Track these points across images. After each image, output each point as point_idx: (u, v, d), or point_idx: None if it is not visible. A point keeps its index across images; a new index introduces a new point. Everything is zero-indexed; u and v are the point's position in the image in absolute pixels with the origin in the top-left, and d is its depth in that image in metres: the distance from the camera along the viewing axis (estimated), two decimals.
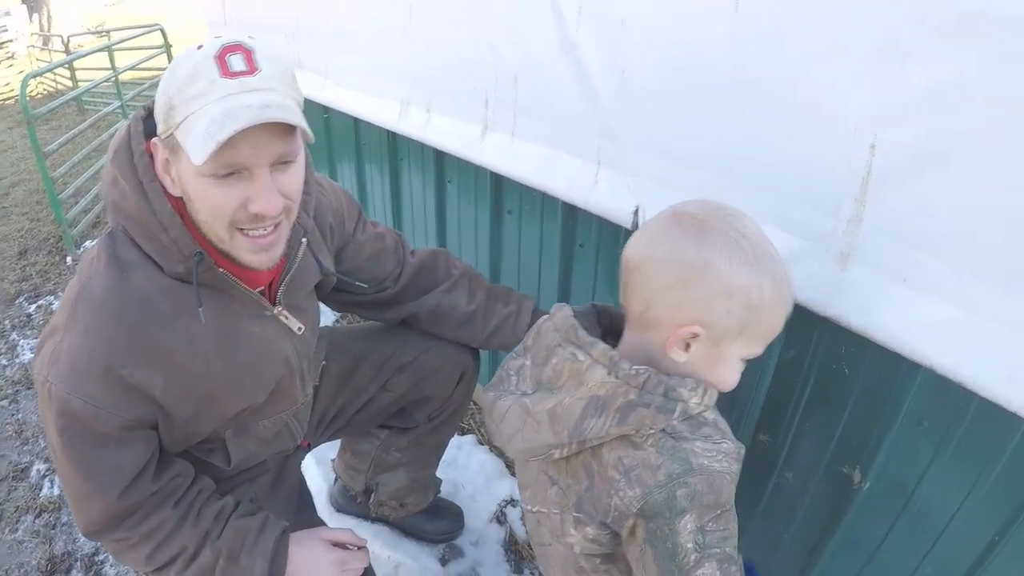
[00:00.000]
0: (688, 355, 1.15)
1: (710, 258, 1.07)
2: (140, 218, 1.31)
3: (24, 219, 6.64)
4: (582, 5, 1.68)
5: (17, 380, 3.99)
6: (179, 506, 1.52)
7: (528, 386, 1.33)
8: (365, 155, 3.40)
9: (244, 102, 1.14)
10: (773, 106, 1.34)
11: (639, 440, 1.15)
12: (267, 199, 1.23)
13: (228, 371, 1.46)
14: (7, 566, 2.74)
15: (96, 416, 1.32)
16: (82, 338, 1.31)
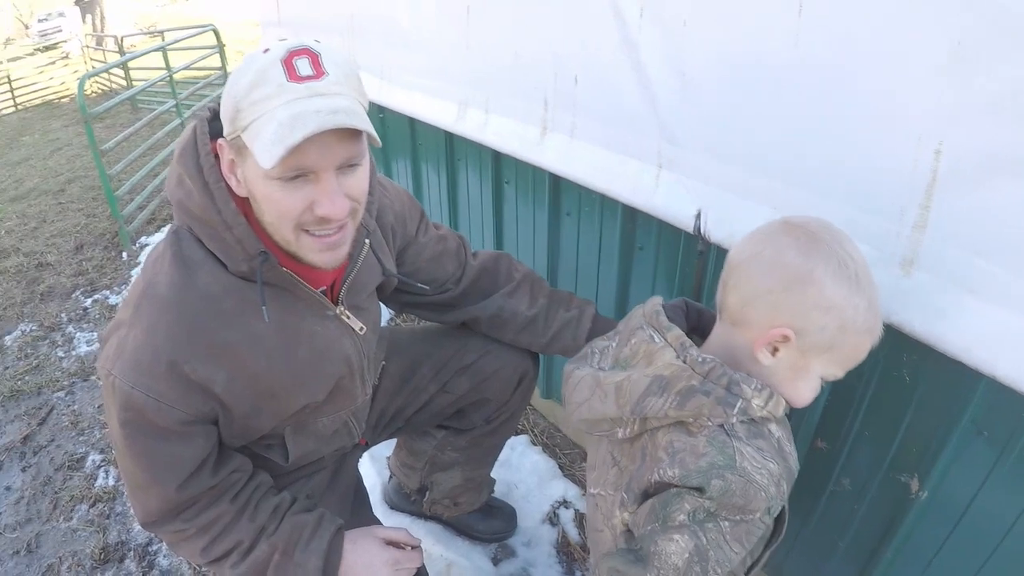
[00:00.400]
0: (774, 360, 1.18)
1: (815, 270, 1.09)
2: (205, 217, 1.34)
3: (80, 215, 6.83)
4: (644, 6, 1.69)
5: (73, 372, 4.12)
6: (236, 500, 1.56)
7: (607, 363, 1.38)
8: (422, 155, 3.43)
9: (313, 107, 1.17)
10: (837, 110, 1.34)
11: (695, 429, 1.18)
12: (333, 202, 1.25)
13: (289, 369, 1.50)
14: (61, 553, 2.83)
15: (158, 410, 1.36)
16: (146, 334, 1.35)
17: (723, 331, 1.26)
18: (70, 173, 8.67)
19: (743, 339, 1.20)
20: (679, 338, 1.22)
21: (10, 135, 12.20)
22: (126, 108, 11.94)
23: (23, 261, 5.87)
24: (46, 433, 3.62)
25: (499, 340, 2.03)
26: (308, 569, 1.55)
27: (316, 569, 1.56)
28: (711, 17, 1.54)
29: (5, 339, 4.63)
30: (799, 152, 1.44)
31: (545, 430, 3.03)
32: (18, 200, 7.85)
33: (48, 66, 18.28)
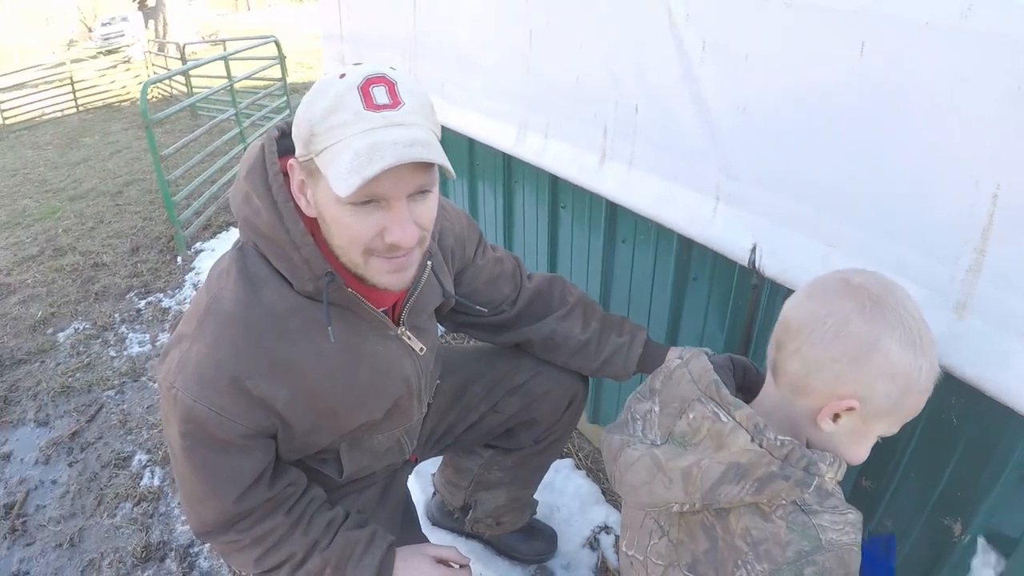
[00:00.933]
0: (835, 427, 1.16)
1: (882, 339, 1.07)
2: (273, 236, 1.37)
3: (137, 217, 6.99)
4: (706, 39, 1.72)
5: (124, 372, 4.23)
6: (291, 513, 1.59)
7: (657, 435, 1.33)
8: (479, 176, 3.48)
9: (390, 138, 1.19)
10: (895, 150, 1.35)
11: (768, 510, 1.16)
12: (404, 229, 1.27)
13: (351, 388, 1.53)
14: (103, 549, 2.91)
15: (220, 424, 1.39)
16: (210, 348, 1.37)
17: (779, 395, 1.23)
18: (128, 176, 8.87)
19: (804, 406, 1.18)
20: (751, 418, 1.16)
21: (71, 136, 12.50)
22: (186, 115, 12.18)
23: (79, 260, 6.03)
24: (94, 430, 3.72)
25: (550, 362, 2.06)
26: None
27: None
28: (773, 53, 1.56)
29: (58, 336, 4.76)
30: (856, 190, 1.45)
31: (590, 454, 3.05)
32: (77, 200, 8.06)
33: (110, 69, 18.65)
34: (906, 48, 1.28)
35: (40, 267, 5.98)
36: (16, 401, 4.06)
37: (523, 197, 3.07)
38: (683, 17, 1.76)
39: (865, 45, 1.35)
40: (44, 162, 10.57)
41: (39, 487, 3.35)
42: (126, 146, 10.81)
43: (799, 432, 1.18)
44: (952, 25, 1.20)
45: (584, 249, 2.68)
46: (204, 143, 8.28)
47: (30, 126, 14.12)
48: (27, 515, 3.16)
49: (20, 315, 5.10)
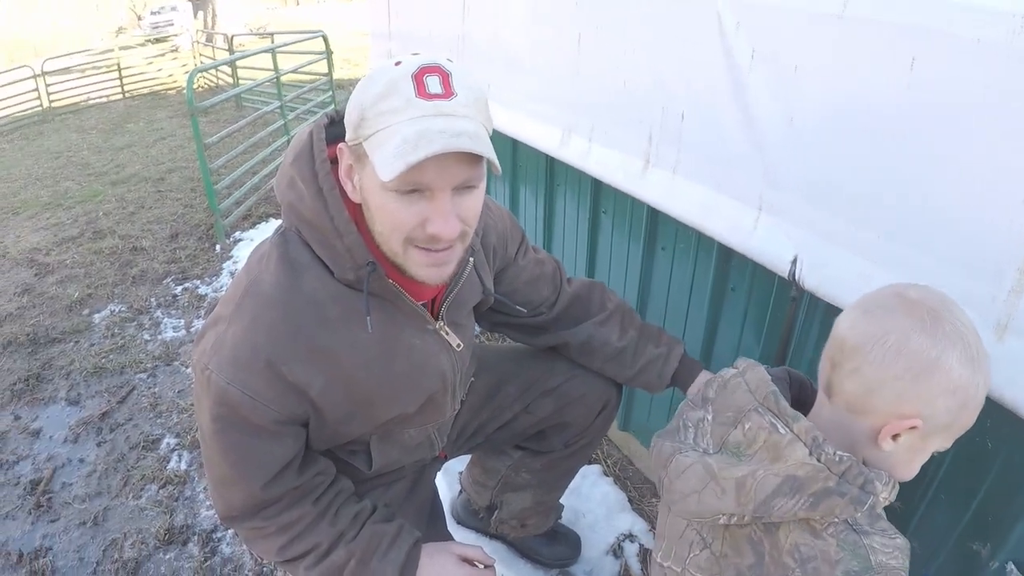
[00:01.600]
0: (895, 445, 1.14)
1: (943, 356, 1.06)
2: (316, 223, 1.37)
3: (178, 204, 7.10)
4: (756, 48, 1.73)
5: (157, 356, 4.31)
6: (319, 503, 1.60)
7: (709, 444, 1.32)
8: (521, 177, 3.51)
9: (438, 127, 1.17)
10: (942, 167, 1.36)
11: (819, 527, 1.15)
12: (446, 221, 1.26)
13: (386, 380, 1.53)
14: (126, 530, 2.96)
15: (253, 408, 1.38)
16: (247, 331, 1.37)
17: (835, 414, 1.21)
18: (171, 163, 9.00)
19: (862, 426, 1.16)
20: (810, 431, 1.15)
21: (116, 121, 12.68)
22: (230, 105, 12.34)
23: (118, 243, 6.13)
24: (124, 412, 3.79)
25: (585, 367, 2.06)
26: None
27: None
28: (823, 64, 1.57)
29: (94, 317, 4.85)
30: (899, 206, 1.46)
31: (618, 462, 3.06)
32: (119, 184, 8.18)
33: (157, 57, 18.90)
34: (956, 64, 1.29)
35: (79, 249, 6.09)
36: (49, 379, 4.14)
37: (564, 200, 3.09)
38: (733, 25, 1.77)
39: (915, 60, 1.36)
40: (88, 146, 10.74)
41: (66, 465, 3.41)
42: (170, 134, 10.94)
43: (856, 451, 1.17)
44: (1003, 42, 1.21)
45: (623, 255, 2.70)
46: (248, 134, 8.38)
47: (75, 110, 14.34)
48: (53, 492, 3.22)
49: (57, 295, 5.20)
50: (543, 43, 2.76)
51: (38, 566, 2.80)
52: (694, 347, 2.35)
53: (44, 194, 8.05)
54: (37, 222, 6.99)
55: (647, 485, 2.93)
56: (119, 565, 2.78)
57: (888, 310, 1.13)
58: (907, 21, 1.36)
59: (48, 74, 14.19)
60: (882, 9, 1.41)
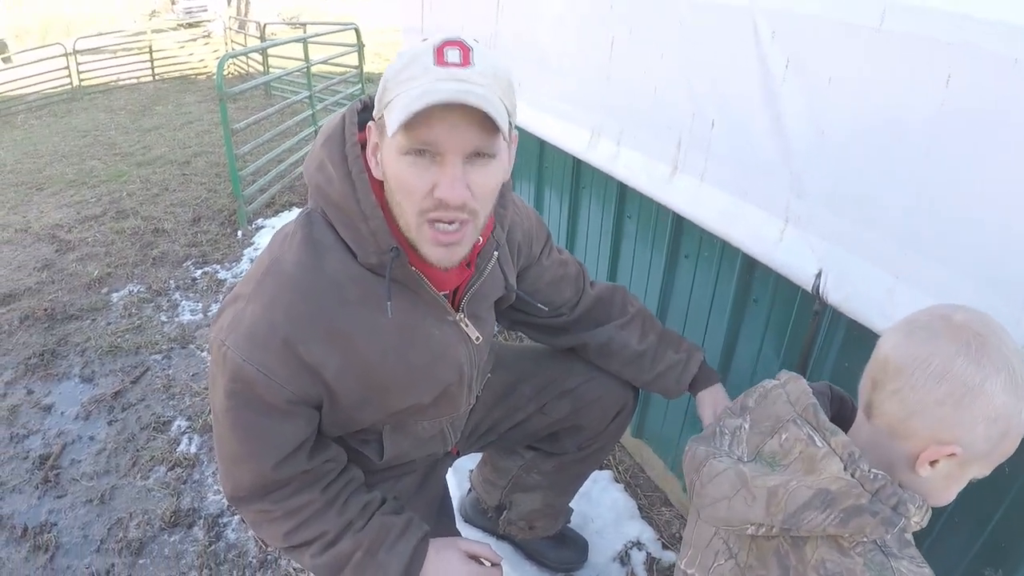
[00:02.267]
0: (932, 471, 1.12)
1: (987, 381, 1.03)
2: (343, 205, 1.38)
3: (202, 188, 7.17)
4: (790, 58, 1.73)
5: (173, 337, 4.34)
6: (328, 491, 1.60)
7: (744, 452, 1.32)
8: (546, 178, 3.51)
9: (444, 86, 1.19)
10: (972, 185, 1.35)
11: (847, 545, 1.13)
12: (452, 186, 1.25)
13: (402, 367, 1.54)
14: (132, 510, 2.99)
15: (268, 386, 1.39)
16: (265, 309, 1.38)
17: (874, 434, 1.18)
18: (197, 147, 9.07)
19: (901, 449, 1.14)
20: (847, 446, 1.14)
21: (145, 103, 12.77)
22: (260, 93, 12.42)
23: (141, 224, 6.19)
24: (137, 392, 3.82)
25: (603, 369, 2.06)
26: (389, 571, 1.57)
27: (397, 573, 1.57)
28: (857, 77, 1.56)
29: (112, 296, 4.90)
30: (928, 223, 1.45)
31: (629, 468, 3.06)
32: (144, 165, 8.25)
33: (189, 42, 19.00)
34: (993, 83, 1.28)
35: (101, 227, 6.15)
36: (64, 355, 4.18)
37: (589, 203, 3.09)
38: (769, 34, 1.77)
39: (951, 78, 1.35)
40: (116, 126, 10.82)
41: (76, 442, 3.44)
42: (198, 118, 11.01)
43: (892, 473, 1.14)
44: None
45: (646, 260, 2.70)
46: (275, 122, 8.45)
47: (105, 90, 14.44)
48: (61, 468, 3.26)
49: (77, 272, 5.25)
50: (575, 44, 2.76)
51: (42, 541, 2.83)
52: (713, 357, 2.35)
53: (69, 171, 8.12)
54: (61, 199, 7.05)
55: (657, 493, 2.93)
56: (123, 544, 2.80)
57: (933, 333, 1.10)
58: (945, 37, 1.35)
59: (80, 53, 14.30)
60: (920, 24, 1.40)
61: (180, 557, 2.74)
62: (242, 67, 15.18)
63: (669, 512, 2.83)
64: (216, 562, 2.71)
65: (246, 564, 2.69)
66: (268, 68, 13.17)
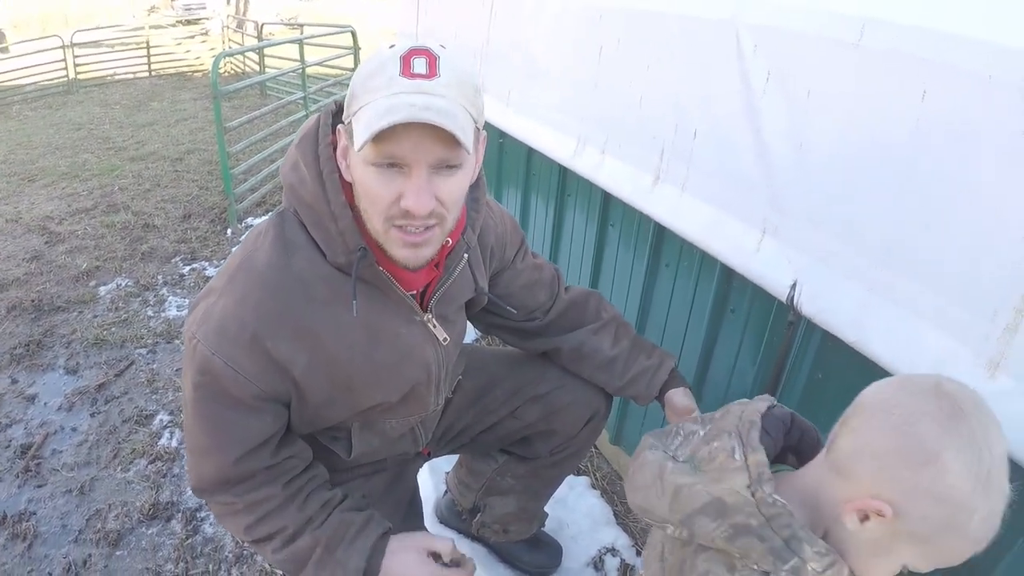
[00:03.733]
0: (859, 527, 1.04)
1: (946, 451, 0.94)
2: (314, 205, 1.40)
3: (194, 186, 7.14)
4: (770, 72, 1.74)
5: (159, 332, 4.33)
6: (289, 486, 1.59)
7: (684, 454, 1.30)
8: (533, 185, 3.52)
9: (409, 101, 1.20)
10: (946, 201, 1.36)
11: (737, 566, 1.11)
12: (418, 198, 1.27)
13: (369, 366, 1.55)
14: (111, 501, 2.98)
15: (235, 380, 1.41)
16: (236, 305, 1.40)
17: (821, 471, 1.13)
18: (191, 144, 9.04)
19: (836, 492, 1.08)
20: (759, 465, 1.11)
21: (140, 99, 12.73)
22: (255, 92, 12.40)
23: (131, 219, 6.16)
24: (121, 385, 3.80)
25: (576, 375, 2.06)
26: (348, 568, 1.55)
27: (356, 570, 1.55)
28: (835, 91, 1.58)
29: (100, 289, 4.88)
30: (901, 237, 1.46)
31: (607, 475, 3.06)
32: (137, 161, 8.22)
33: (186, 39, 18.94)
34: (967, 100, 1.29)
35: (92, 221, 6.13)
36: (49, 346, 4.17)
37: (574, 211, 3.10)
38: (751, 47, 1.78)
39: (927, 93, 1.36)
40: (110, 120, 10.78)
41: (58, 432, 3.43)
42: (192, 115, 10.98)
43: (820, 518, 1.10)
44: (1015, 82, 1.21)
45: (627, 269, 2.70)
46: (269, 121, 8.42)
47: (101, 84, 14.39)
48: (42, 458, 3.24)
49: (66, 264, 5.23)
50: (564, 53, 2.77)
51: (20, 529, 2.81)
52: (690, 365, 2.36)
53: (62, 164, 8.08)
54: (52, 191, 7.02)
55: None
56: (101, 535, 2.78)
57: (916, 389, 1.03)
58: (921, 54, 1.37)
59: (77, 46, 14.25)
60: (897, 40, 1.42)
61: (157, 549, 2.73)
62: (238, 66, 15.16)
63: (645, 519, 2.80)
64: (193, 555, 2.69)
65: (222, 558, 2.68)
66: (264, 68, 13.16)
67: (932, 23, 1.35)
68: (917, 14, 1.39)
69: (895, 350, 1.48)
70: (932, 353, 1.40)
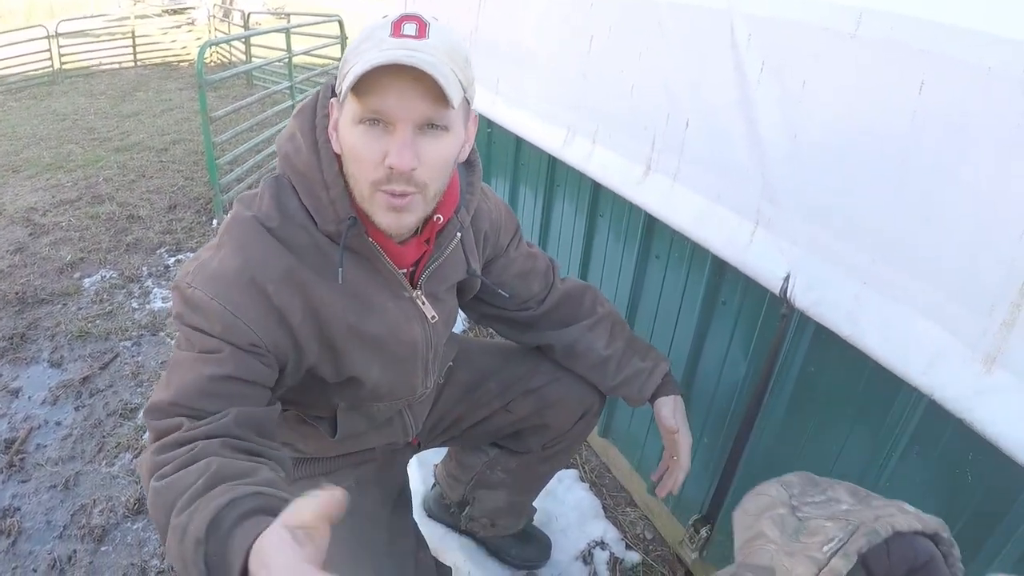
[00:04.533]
0: None
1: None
2: (308, 173, 1.40)
3: (179, 176, 7.09)
4: (765, 60, 1.72)
5: (144, 325, 4.29)
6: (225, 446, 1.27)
7: (808, 512, 1.17)
8: (522, 175, 3.50)
9: (395, 55, 1.20)
10: (943, 194, 1.34)
11: None
12: (400, 153, 1.26)
13: (356, 332, 1.52)
14: (96, 496, 2.94)
15: (233, 325, 1.31)
16: (234, 252, 1.37)
17: None
18: (176, 134, 8.97)
19: None
20: (833, 572, 1.01)
21: (126, 89, 12.63)
22: (241, 82, 12.32)
23: (116, 210, 6.10)
24: (106, 378, 3.77)
25: (570, 370, 2.05)
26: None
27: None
28: (831, 82, 1.56)
29: (84, 281, 4.82)
30: (897, 230, 1.45)
31: (596, 468, 3.04)
32: (122, 151, 8.13)
33: (173, 29, 18.81)
34: (966, 92, 1.28)
35: (76, 212, 6.06)
36: (33, 339, 4.12)
37: (563, 201, 3.08)
38: (745, 37, 1.76)
39: (925, 85, 1.35)
40: (95, 111, 10.67)
41: (43, 427, 3.39)
42: (178, 105, 10.91)
43: None
44: (1014, 73, 1.19)
45: (617, 260, 2.68)
46: (255, 111, 8.38)
47: (86, 74, 14.27)
48: (27, 452, 3.20)
49: (50, 256, 5.17)
50: (554, 42, 2.75)
51: (5, 525, 2.78)
52: (681, 358, 2.34)
53: (46, 155, 7.99)
54: (37, 182, 6.94)
55: (622, 493, 2.92)
56: (86, 531, 2.75)
57: None
58: (919, 45, 1.35)
59: (62, 35, 14.13)
60: (894, 31, 1.40)
61: (143, 545, 2.70)
62: (225, 56, 15.07)
63: (634, 512, 2.81)
64: None
65: None
66: (251, 57, 13.08)
67: (930, 13, 1.33)
68: (915, 4, 1.37)
69: (890, 345, 1.47)
70: (927, 348, 1.39)
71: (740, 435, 2.08)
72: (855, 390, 1.69)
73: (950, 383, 1.35)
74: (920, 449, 1.55)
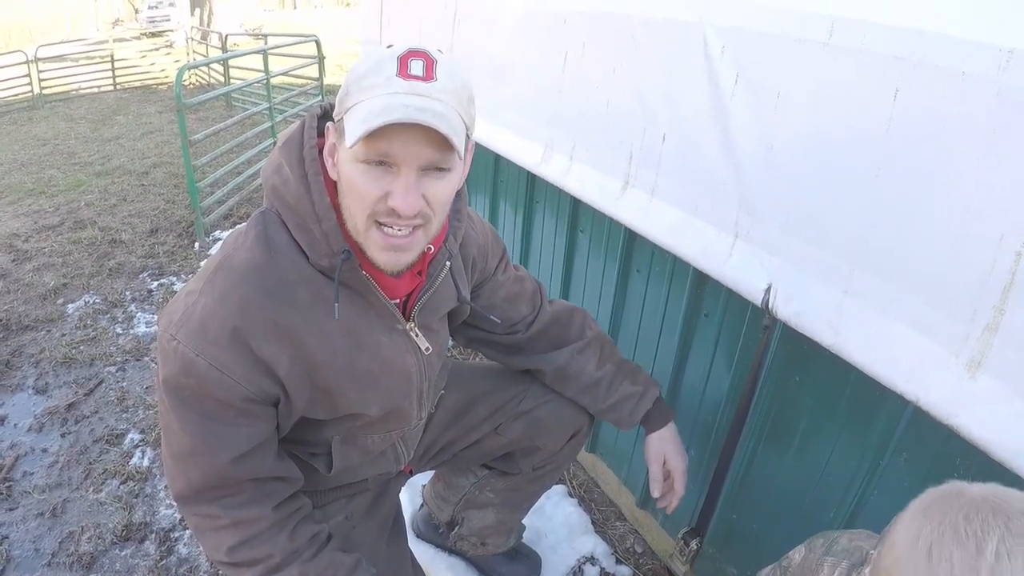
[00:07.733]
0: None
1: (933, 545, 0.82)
2: (297, 207, 1.36)
3: (160, 199, 7.06)
4: (739, 72, 1.71)
5: (128, 350, 4.24)
6: (279, 510, 1.51)
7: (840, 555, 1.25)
8: (501, 192, 3.48)
9: (405, 102, 1.19)
10: (921, 201, 1.33)
11: None
12: (405, 197, 1.25)
13: (350, 372, 1.50)
14: (84, 523, 2.90)
15: (220, 382, 1.34)
16: (217, 303, 1.34)
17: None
18: (156, 158, 8.94)
19: None
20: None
21: (105, 113, 12.60)
22: (220, 104, 12.31)
23: (98, 235, 6.06)
24: (91, 404, 3.72)
25: (559, 392, 2.03)
26: None
27: None
28: (805, 92, 1.55)
29: (68, 307, 4.77)
30: (877, 238, 1.44)
31: (584, 483, 3.03)
32: (103, 176, 8.10)
33: (151, 52, 18.84)
34: (941, 97, 1.27)
35: (59, 237, 6.01)
36: (18, 366, 4.07)
37: (543, 218, 3.07)
38: (718, 49, 1.75)
39: (899, 92, 1.34)
40: (76, 135, 10.64)
41: (29, 454, 3.34)
42: (158, 128, 10.89)
43: None
44: (989, 77, 1.19)
45: (599, 275, 2.67)
46: (235, 133, 8.36)
47: (66, 98, 14.25)
48: (13, 480, 3.16)
49: (33, 282, 5.12)
50: (529, 59, 2.73)
51: None
52: (664, 371, 2.33)
53: (28, 181, 7.95)
54: (19, 208, 6.89)
55: (611, 508, 2.90)
56: (75, 558, 2.71)
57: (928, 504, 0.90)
58: (892, 52, 1.34)
59: (41, 60, 14.09)
60: (867, 39, 1.39)
61: (131, 571, 2.66)
62: (203, 78, 15.06)
63: (623, 527, 2.80)
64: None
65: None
66: (229, 79, 13.07)
67: (903, 20, 1.32)
68: (888, 12, 1.37)
69: (872, 353, 1.46)
70: (910, 355, 1.38)
71: (727, 447, 2.07)
72: (840, 399, 1.68)
73: (934, 389, 1.34)
74: (908, 456, 1.54)
